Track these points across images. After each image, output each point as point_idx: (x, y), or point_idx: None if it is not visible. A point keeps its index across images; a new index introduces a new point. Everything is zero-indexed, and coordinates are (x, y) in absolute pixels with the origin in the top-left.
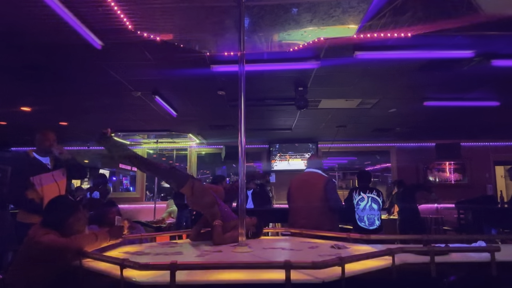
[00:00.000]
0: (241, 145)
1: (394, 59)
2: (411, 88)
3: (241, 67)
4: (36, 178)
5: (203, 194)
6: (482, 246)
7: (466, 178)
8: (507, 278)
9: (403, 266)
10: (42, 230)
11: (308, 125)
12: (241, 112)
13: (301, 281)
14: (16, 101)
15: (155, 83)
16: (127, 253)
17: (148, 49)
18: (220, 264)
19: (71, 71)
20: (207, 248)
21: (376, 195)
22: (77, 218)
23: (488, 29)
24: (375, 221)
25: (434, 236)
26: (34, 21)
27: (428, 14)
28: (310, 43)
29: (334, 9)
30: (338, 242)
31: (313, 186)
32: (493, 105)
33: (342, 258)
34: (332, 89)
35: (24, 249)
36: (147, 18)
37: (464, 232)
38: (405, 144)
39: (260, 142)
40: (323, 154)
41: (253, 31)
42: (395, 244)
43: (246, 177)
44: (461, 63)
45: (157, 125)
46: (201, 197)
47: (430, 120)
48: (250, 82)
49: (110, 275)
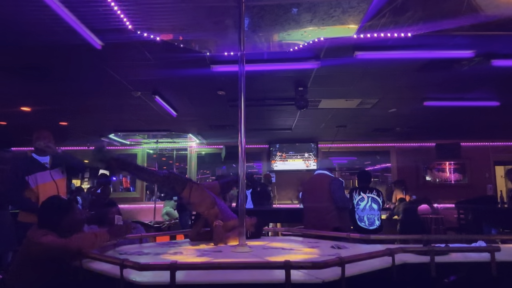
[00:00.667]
0: (241, 145)
1: (394, 59)
2: (411, 88)
3: (241, 67)
4: (31, 177)
5: (202, 196)
6: (482, 246)
7: (466, 178)
8: (507, 278)
9: (403, 266)
10: (40, 231)
11: (308, 125)
12: (241, 112)
13: (301, 281)
14: (16, 101)
15: (155, 83)
16: (127, 253)
17: (148, 49)
18: (220, 264)
19: (71, 71)
20: (207, 248)
21: (376, 195)
22: (72, 217)
23: (488, 29)
24: (375, 221)
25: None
26: (34, 21)
27: (428, 14)
28: (310, 43)
29: (334, 9)
30: (338, 242)
31: (320, 186)
32: (493, 105)
33: (342, 258)
34: (332, 89)
35: (23, 250)
36: (147, 18)
37: (464, 232)
38: (405, 144)
39: (260, 142)
40: (323, 154)
41: (253, 31)
42: (395, 244)
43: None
44: (461, 63)
45: (157, 125)
46: (201, 199)
47: (430, 120)
48: (250, 82)
49: (110, 275)
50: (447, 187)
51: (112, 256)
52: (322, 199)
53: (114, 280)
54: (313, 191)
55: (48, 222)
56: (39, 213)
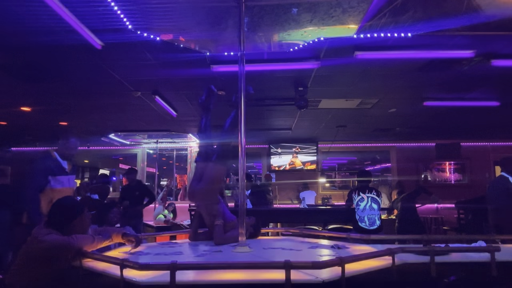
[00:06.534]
0: (241, 145)
1: (394, 59)
2: (411, 88)
3: (241, 67)
4: (54, 178)
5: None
6: (482, 246)
7: (466, 178)
8: (507, 278)
9: (403, 266)
10: (45, 230)
11: (308, 125)
12: (241, 112)
13: (301, 281)
14: (16, 101)
15: (155, 83)
16: (127, 253)
17: (148, 49)
18: (220, 264)
19: (71, 71)
20: (207, 248)
21: (376, 194)
22: (82, 219)
23: (488, 29)
24: (375, 221)
25: (434, 236)
26: (35, 21)
27: (428, 14)
28: (310, 43)
29: (334, 9)
30: (338, 242)
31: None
32: (493, 105)
33: (342, 258)
34: (332, 89)
35: (26, 249)
36: (147, 18)
37: (464, 232)
38: (405, 144)
39: (260, 142)
40: (323, 154)
41: (253, 31)
42: (395, 244)
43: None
44: (461, 63)
45: (157, 125)
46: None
47: (430, 120)
48: (250, 82)
49: (110, 275)
50: (447, 187)
51: (112, 256)
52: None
53: (114, 280)
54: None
55: (57, 221)
56: (51, 211)
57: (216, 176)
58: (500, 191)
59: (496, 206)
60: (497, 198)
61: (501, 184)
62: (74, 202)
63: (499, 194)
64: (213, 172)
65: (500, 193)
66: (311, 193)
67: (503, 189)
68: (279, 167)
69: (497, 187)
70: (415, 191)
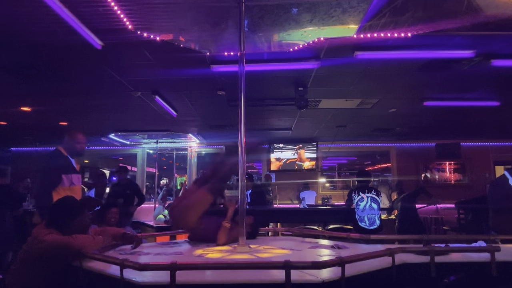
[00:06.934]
0: (241, 145)
1: (394, 59)
2: (411, 88)
3: (241, 67)
4: (67, 177)
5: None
6: (482, 246)
7: (466, 178)
8: (507, 278)
9: (403, 266)
10: (45, 230)
11: (308, 125)
12: (241, 112)
13: (301, 281)
14: (16, 101)
15: (155, 83)
16: (127, 253)
17: (148, 49)
18: (220, 264)
19: (71, 71)
20: (207, 248)
21: (375, 194)
22: (82, 219)
23: (488, 29)
24: (375, 220)
25: (434, 236)
26: (35, 21)
27: (428, 14)
28: (310, 43)
29: (334, 9)
30: (338, 242)
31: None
32: (493, 105)
33: (342, 258)
34: (332, 89)
35: (26, 248)
36: (147, 18)
37: (464, 232)
38: (405, 144)
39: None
40: (323, 154)
41: (253, 31)
42: (395, 244)
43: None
44: (461, 63)
45: (157, 125)
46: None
47: (430, 120)
48: (250, 82)
49: (110, 275)
50: (447, 187)
51: (112, 256)
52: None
53: (114, 280)
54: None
55: (58, 221)
56: (51, 211)
57: (199, 200)
58: (500, 191)
59: (496, 207)
60: (497, 199)
61: (501, 184)
62: (74, 202)
63: (499, 194)
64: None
65: (500, 193)
66: (311, 193)
67: (503, 190)
68: (280, 160)
69: (497, 187)
70: (415, 192)
